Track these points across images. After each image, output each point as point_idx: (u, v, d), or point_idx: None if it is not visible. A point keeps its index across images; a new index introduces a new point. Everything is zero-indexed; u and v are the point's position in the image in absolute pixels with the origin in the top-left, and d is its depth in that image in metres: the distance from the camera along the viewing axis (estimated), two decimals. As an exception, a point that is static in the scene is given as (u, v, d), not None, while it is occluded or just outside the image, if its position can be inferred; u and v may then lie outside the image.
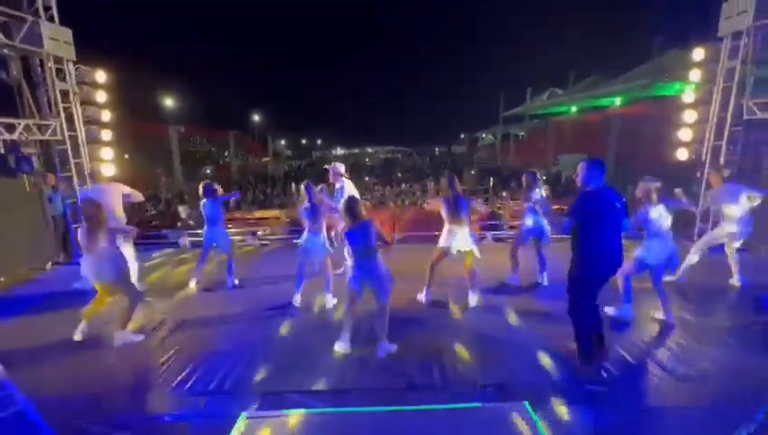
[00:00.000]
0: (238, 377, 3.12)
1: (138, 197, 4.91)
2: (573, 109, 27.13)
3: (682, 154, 6.31)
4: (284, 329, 3.91)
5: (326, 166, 5.46)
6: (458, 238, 4.07)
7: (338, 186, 5.17)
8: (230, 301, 4.66)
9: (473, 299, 4.25)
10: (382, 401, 2.71)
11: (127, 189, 4.83)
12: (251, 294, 4.83)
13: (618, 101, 22.82)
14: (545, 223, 4.56)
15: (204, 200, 4.83)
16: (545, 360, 3.20)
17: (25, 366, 3.36)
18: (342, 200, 3.60)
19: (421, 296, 4.38)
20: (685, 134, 6.27)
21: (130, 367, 3.36)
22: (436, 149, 55.60)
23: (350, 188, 5.13)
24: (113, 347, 3.63)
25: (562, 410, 2.63)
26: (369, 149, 58.43)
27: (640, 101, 20.88)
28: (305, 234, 4.34)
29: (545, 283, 4.77)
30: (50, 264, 6.08)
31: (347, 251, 3.97)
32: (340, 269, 4.78)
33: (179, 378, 3.12)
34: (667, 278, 4.36)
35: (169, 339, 3.78)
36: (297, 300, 4.37)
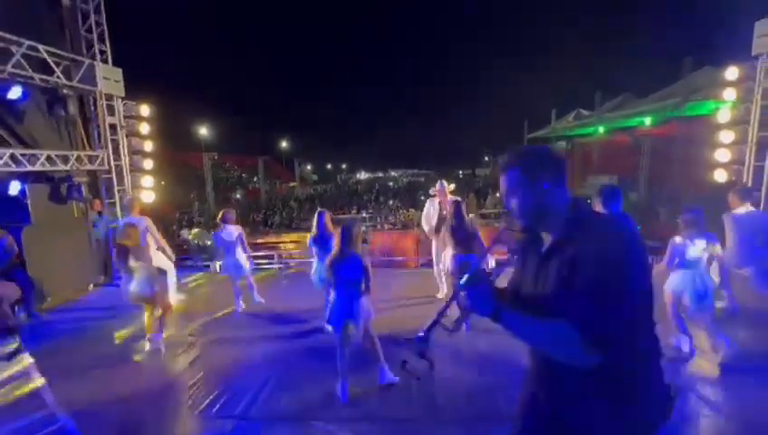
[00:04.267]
0: (265, 401, 3.15)
1: (156, 237, 4.94)
2: (601, 129, 26.60)
3: (720, 176, 6.04)
4: (312, 354, 3.93)
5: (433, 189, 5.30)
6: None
7: (447, 205, 4.93)
8: (258, 324, 4.75)
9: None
10: (408, 432, 2.66)
11: (152, 228, 4.92)
12: (279, 317, 4.90)
13: (648, 120, 22.21)
14: None
15: (221, 229, 4.89)
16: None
17: (64, 385, 3.53)
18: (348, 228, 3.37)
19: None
20: (722, 155, 6.02)
21: (161, 387, 3.47)
22: (460, 172, 55.56)
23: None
24: (146, 367, 3.78)
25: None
26: (393, 173, 59.13)
27: (672, 120, 20.23)
28: (315, 264, 4.31)
29: None
30: (92, 285, 6.42)
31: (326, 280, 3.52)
32: None
33: (207, 400, 3.19)
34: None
35: (199, 360, 3.89)
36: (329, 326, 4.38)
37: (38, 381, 3.54)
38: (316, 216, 4.30)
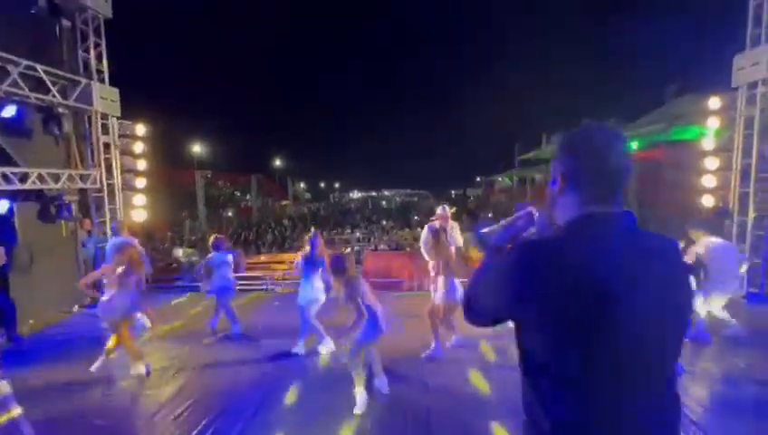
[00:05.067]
0: (257, 430, 3.04)
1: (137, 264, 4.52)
2: (589, 153, 27.20)
3: (708, 201, 6.19)
4: (304, 382, 3.82)
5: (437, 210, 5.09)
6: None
7: (448, 229, 4.83)
8: (247, 349, 4.61)
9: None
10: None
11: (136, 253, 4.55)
12: (268, 343, 4.76)
13: (635, 145, 22.89)
14: None
15: (212, 254, 4.87)
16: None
17: (42, 415, 3.37)
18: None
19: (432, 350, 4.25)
20: (708, 181, 6.19)
21: (146, 417, 3.31)
22: (452, 192, 56.12)
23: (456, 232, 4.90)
24: (131, 394, 3.65)
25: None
26: (386, 192, 59.48)
27: (659, 144, 20.88)
28: (302, 285, 4.30)
29: None
30: (77, 307, 6.24)
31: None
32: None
33: (196, 430, 3.06)
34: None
35: (186, 388, 3.75)
36: (300, 348, 4.33)
37: (13, 412, 3.37)
38: (309, 236, 4.36)
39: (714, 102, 6.11)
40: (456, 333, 4.35)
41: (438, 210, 5.23)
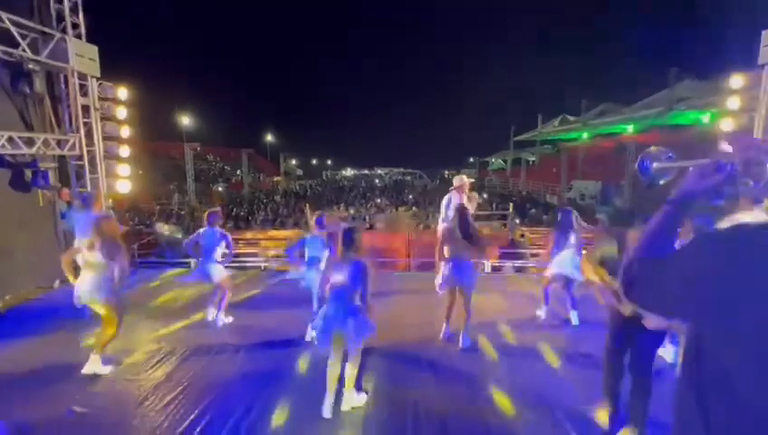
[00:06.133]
0: (253, 423, 2.79)
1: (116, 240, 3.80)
2: (585, 135, 27.08)
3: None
4: (301, 367, 3.57)
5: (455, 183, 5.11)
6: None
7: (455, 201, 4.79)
8: (241, 331, 4.32)
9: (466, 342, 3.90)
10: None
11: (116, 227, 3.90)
12: (263, 324, 4.48)
13: (630, 128, 22.74)
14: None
15: (204, 229, 4.40)
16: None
17: (19, 399, 3.08)
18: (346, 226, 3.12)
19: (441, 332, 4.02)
20: (724, 163, 5.96)
21: (133, 405, 3.03)
22: (446, 172, 55.68)
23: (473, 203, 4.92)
24: (114, 380, 3.35)
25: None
26: (380, 171, 58.77)
27: (654, 128, 20.73)
28: (309, 267, 3.96)
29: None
30: (58, 282, 5.85)
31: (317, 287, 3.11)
32: None
33: (187, 421, 2.80)
34: None
35: (176, 373, 3.47)
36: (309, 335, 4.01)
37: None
38: (317, 217, 4.03)
39: (736, 81, 5.81)
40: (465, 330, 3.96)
41: (456, 181, 5.03)
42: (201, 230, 4.43)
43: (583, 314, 4.36)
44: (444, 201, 5.21)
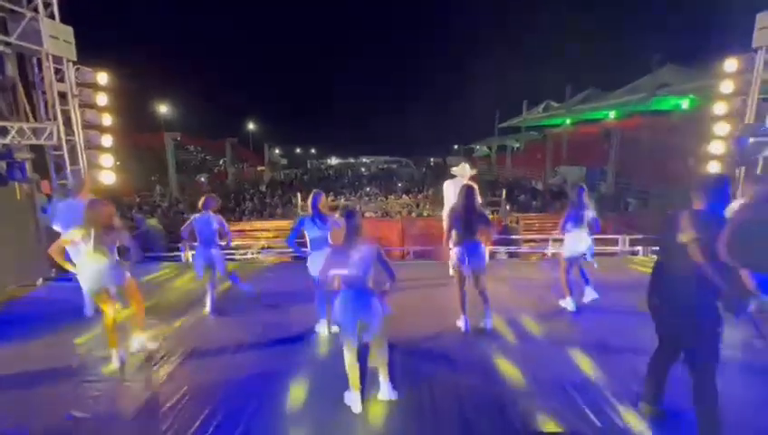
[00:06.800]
0: (266, 425, 2.68)
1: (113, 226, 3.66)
2: (567, 121, 27.43)
3: (714, 168, 6.09)
4: (309, 361, 3.46)
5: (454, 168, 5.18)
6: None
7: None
8: (244, 326, 4.15)
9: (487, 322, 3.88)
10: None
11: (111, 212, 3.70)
12: (263, 319, 4.32)
13: (612, 114, 23.12)
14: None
15: (199, 215, 4.23)
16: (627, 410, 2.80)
17: (14, 403, 2.90)
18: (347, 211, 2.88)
19: (460, 323, 3.95)
20: (717, 147, 6.06)
21: (136, 408, 2.87)
22: (431, 159, 55.66)
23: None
24: (114, 383, 3.17)
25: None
26: (365, 159, 58.32)
27: (635, 115, 21.11)
28: (313, 253, 3.78)
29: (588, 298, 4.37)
30: (41, 280, 5.54)
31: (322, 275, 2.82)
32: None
33: (197, 423, 2.66)
34: None
35: (179, 373, 3.31)
36: (322, 329, 3.90)
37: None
38: (311, 196, 3.80)
39: (730, 64, 5.86)
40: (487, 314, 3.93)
41: (458, 171, 4.95)
42: (196, 216, 4.24)
43: (602, 300, 4.32)
44: (445, 191, 5.15)
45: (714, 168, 6.08)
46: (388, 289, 2.77)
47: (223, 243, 4.39)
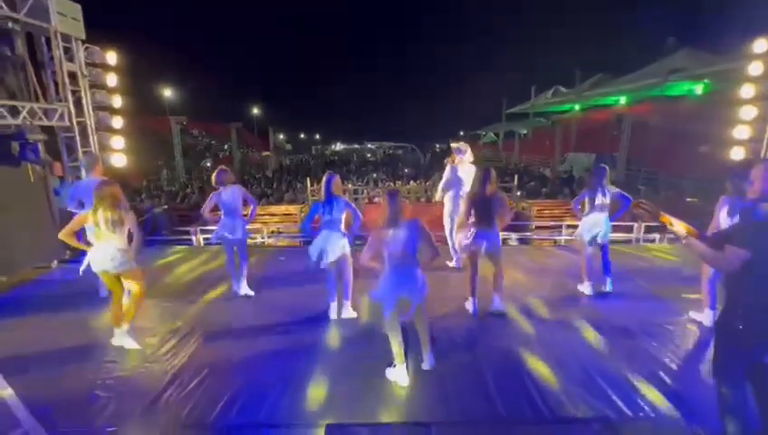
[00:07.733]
0: (291, 405, 2.67)
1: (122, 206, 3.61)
2: (576, 107, 26.88)
3: (737, 153, 5.92)
4: (331, 344, 3.46)
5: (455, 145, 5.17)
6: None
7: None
8: (258, 308, 4.16)
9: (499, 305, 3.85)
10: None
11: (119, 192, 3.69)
12: (279, 300, 4.32)
13: (623, 99, 22.57)
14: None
15: (222, 189, 4.16)
16: (648, 391, 2.77)
17: (38, 384, 2.90)
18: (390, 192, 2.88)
19: (468, 306, 3.93)
20: (741, 132, 5.88)
21: (159, 390, 2.86)
22: (437, 145, 55.10)
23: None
24: (136, 364, 3.18)
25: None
26: (370, 145, 57.83)
27: (646, 100, 20.60)
28: (321, 231, 3.75)
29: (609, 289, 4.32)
30: (56, 262, 5.56)
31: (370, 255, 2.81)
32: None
33: (219, 407, 2.66)
34: None
35: (200, 354, 3.31)
36: (333, 312, 3.88)
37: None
38: (325, 178, 3.73)
39: (759, 45, 5.63)
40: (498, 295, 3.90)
41: (460, 145, 4.99)
42: (218, 190, 4.17)
43: (618, 286, 4.29)
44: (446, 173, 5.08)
45: (737, 154, 5.92)
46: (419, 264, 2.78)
47: (246, 212, 4.34)
